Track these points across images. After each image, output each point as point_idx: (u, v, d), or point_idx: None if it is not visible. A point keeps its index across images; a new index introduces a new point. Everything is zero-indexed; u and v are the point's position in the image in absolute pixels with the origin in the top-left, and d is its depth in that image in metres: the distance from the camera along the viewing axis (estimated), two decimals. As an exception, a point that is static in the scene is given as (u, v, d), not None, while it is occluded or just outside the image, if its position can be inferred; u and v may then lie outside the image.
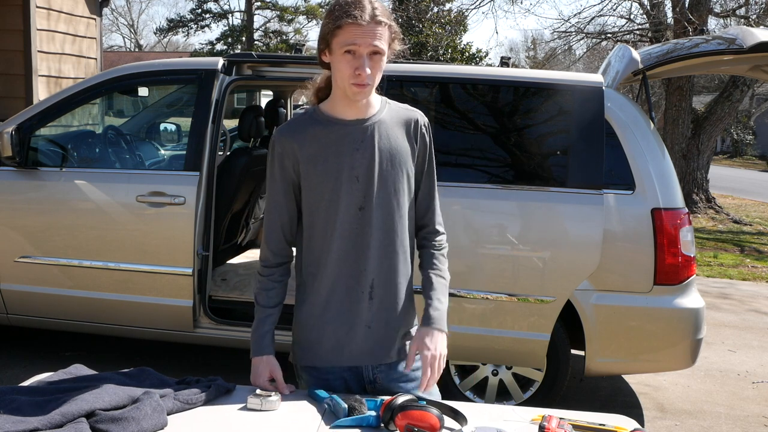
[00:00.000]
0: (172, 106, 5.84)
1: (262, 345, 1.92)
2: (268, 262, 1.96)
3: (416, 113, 1.95)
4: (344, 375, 1.93)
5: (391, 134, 1.88)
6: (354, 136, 1.85)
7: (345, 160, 1.84)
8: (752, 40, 3.46)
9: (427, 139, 1.95)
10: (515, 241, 3.51)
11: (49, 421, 1.57)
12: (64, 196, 3.89)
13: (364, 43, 1.72)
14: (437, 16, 22.14)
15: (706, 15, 12.66)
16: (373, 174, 1.84)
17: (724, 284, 7.71)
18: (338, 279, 1.88)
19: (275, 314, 1.95)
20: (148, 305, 3.84)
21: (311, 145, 1.85)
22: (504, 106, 3.75)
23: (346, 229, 1.85)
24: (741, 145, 36.43)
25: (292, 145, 1.85)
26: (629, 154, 3.50)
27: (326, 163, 1.84)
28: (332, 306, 1.89)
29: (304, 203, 1.89)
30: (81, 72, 8.65)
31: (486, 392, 3.76)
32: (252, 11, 38.61)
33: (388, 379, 1.94)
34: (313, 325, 1.92)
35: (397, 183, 1.88)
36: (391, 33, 1.78)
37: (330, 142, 1.84)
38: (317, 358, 1.92)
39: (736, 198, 17.10)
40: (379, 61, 1.76)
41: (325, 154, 1.84)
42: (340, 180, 1.84)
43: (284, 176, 1.88)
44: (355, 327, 1.89)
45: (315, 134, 1.85)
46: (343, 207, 1.84)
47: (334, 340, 1.90)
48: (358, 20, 1.71)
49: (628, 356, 3.55)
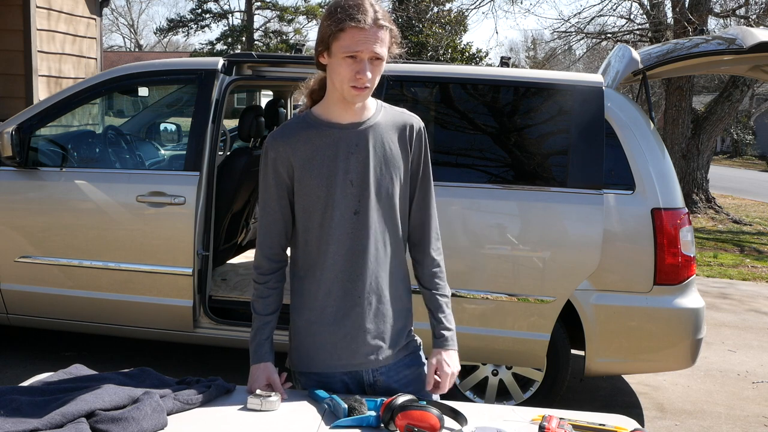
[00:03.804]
0: (172, 106, 5.84)
1: (260, 353, 1.91)
2: (262, 269, 1.93)
3: (412, 118, 1.93)
4: (344, 378, 1.92)
5: (385, 138, 1.86)
6: (349, 140, 1.83)
7: (339, 164, 1.82)
8: (752, 40, 3.46)
9: (422, 145, 1.93)
10: (515, 241, 3.51)
11: (49, 421, 1.57)
12: (65, 196, 3.89)
13: (366, 49, 1.70)
14: (437, 16, 22.16)
15: (706, 15, 12.66)
16: (368, 178, 1.83)
17: (723, 284, 7.71)
18: (334, 283, 1.86)
19: (273, 321, 1.94)
20: (148, 305, 3.84)
21: (305, 150, 1.82)
22: (504, 106, 3.75)
23: (341, 234, 1.84)
24: (741, 145, 36.42)
25: (286, 149, 1.82)
26: (629, 154, 3.51)
27: (321, 168, 1.82)
28: (328, 311, 1.88)
29: (299, 208, 1.87)
30: (81, 72, 8.65)
31: (486, 392, 3.76)
32: (252, 11, 38.62)
33: (389, 381, 1.94)
34: (310, 330, 1.90)
35: (391, 187, 1.87)
36: (392, 37, 1.77)
37: (324, 146, 1.82)
38: (314, 363, 1.91)
39: (736, 198, 17.10)
40: (379, 66, 1.75)
41: (319, 158, 1.82)
42: (334, 184, 1.82)
43: (278, 182, 1.85)
44: (353, 331, 1.88)
45: (309, 138, 1.83)
46: (338, 211, 1.83)
47: (331, 346, 1.89)
48: (360, 24, 1.69)
49: (628, 356, 3.55)
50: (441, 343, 1.94)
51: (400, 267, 1.95)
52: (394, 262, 1.92)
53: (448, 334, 1.95)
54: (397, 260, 1.93)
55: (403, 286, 1.96)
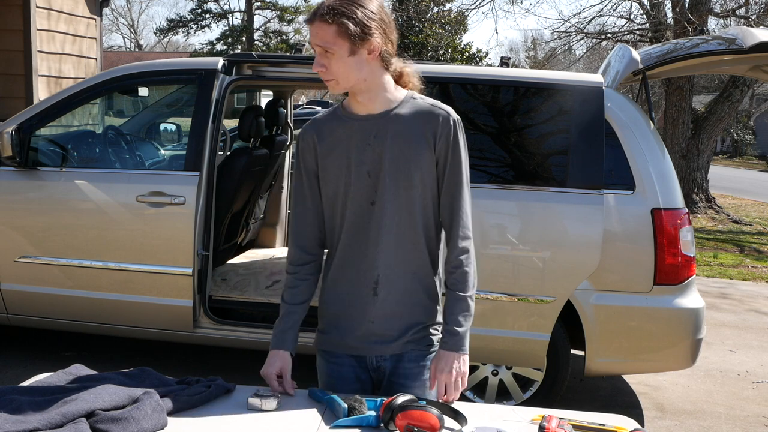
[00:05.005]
0: (172, 106, 5.84)
1: (282, 339, 1.96)
2: (292, 258, 1.99)
3: (441, 111, 1.88)
4: (351, 361, 1.96)
5: (405, 130, 1.86)
6: (366, 131, 1.87)
7: (355, 155, 1.87)
8: (752, 40, 3.46)
9: (450, 140, 1.86)
10: (515, 241, 3.51)
11: (49, 421, 1.57)
12: (64, 196, 3.89)
13: (312, 42, 1.80)
14: (437, 16, 22.17)
15: (706, 15, 12.66)
16: (384, 169, 1.86)
17: (723, 284, 7.71)
18: (346, 270, 1.92)
19: (299, 312, 1.99)
20: (148, 305, 3.84)
21: (328, 140, 1.90)
22: (504, 106, 3.75)
23: (353, 224, 1.89)
24: (741, 145, 36.43)
25: (313, 139, 1.92)
26: (629, 154, 3.50)
27: (340, 158, 1.88)
28: (338, 298, 1.95)
29: (323, 197, 1.94)
30: (81, 72, 8.65)
31: (486, 392, 3.76)
32: (252, 11, 38.65)
33: (393, 372, 1.95)
34: (326, 311, 1.99)
35: (410, 178, 1.86)
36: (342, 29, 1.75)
37: (343, 137, 1.89)
38: (325, 342, 1.99)
39: (736, 198, 17.10)
40: (333, 58, 1.78)
41: (339, 149, 1.89)
42: (350, 175, 1.88)
43: (307, 171, 1.94)
44: (358, 320, 1.93)
45: (332, 129, 1.91)
46: (354, 201, 1.88)
47: (339, 329, 1.95)
48: (308, 19, 1.80)
49: (628, 356, 3.55)
50: (441, 344, 1.92)
51: (418, 261, 1.92)
52: (409, 256, 1.90)
53: (446, 335, 1.90)
54: (415, 254, 1.91)
55: (419, 281, 1.93)
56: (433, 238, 1.94)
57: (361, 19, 1.76)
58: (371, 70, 1.83)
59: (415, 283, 1.93)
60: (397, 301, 1.91)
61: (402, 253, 1.90)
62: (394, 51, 1.87)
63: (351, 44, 1.77)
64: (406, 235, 1.89)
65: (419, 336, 1.95)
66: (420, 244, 1.91)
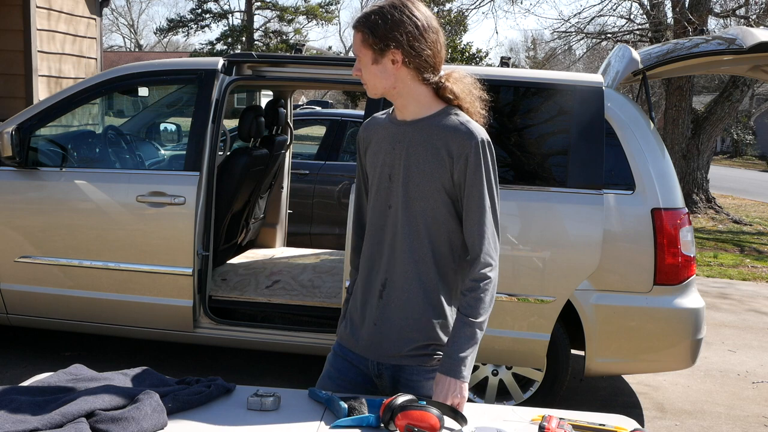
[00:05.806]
0: (172, 106, 5.83)
1: None
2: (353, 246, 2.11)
3: (464, 132, 1.81)
4: (354, 360, 1.98)
5: (424, 141, 1.86)
6: (394, 136, 1.92)
7: (384, 158, 1.92)
8: (752, 40, 3.46)
9: (469, 164, 1.80)
10: (515, 241, 3.51)
11: (49, 421, 1.57)
12: (64, 196, 3.89)
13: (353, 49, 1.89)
14: (437, 16, 22.12)
15: (706, 15, 12.66)
16: (401, 175, 1.88)
17: (723, 284, 7.71)
18: (365, 269, 1.98)
19: None
20: (148, 305, 3.84)
21: (374, 139, 1.98)
22: (504, 106, 3.75)
23: (374, 224, 1.95)
24: (741, 145, 36.44)
25: (364, 137, 2.01)
26: (629, 154, 3.51)
27: (376, 159, 1.95)
28: (357, 293, 2.01)
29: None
30: (81, 72, 8.65)
31: (486, 392, 3.76)
32: (252, 11, 38.62)
33: (393, 381, 1.93)
34: (349, 304, 2.06)
35: (424, 188, 1.85)
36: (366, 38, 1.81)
37: (381, 139, 1.95)
38: (340, 333, 2.06)
39: (736, 198, 17.10)
40: (361, 65, 1.85)
41: (377, 149, 1.96)
42: (378, 176, 1.94)
43: (361, 165, 2.04)
44: (365, 321, 1.96)
45: (377, 130, 1.98)
46: (378, 203, 1.94)
47: (352, 325, 2.01)
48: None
49: (628, 356, 3.55)
50: (439, 367, 1.84)
51: (426, 275, 1.87)
52: (420, 265, 1.87)
53: (444, 357, 1.83)
54: (424, 267, 1.87)
55: (426, 296, 1.88)
56: (446, 256, 1.89)
57: (384, 31, 1.78)
58: (400, 79, 1.83)
59: (420, 297, 1.88)
60: (400, 309, 1.90)
61: (411, 263, 1.88)
62: (431, 63, 1.82)
63: (373, 53, 1.82)
64: (414, 245, 1.88)
65: (420, 353, 1.89)
66: (427, 257, 1.87)
